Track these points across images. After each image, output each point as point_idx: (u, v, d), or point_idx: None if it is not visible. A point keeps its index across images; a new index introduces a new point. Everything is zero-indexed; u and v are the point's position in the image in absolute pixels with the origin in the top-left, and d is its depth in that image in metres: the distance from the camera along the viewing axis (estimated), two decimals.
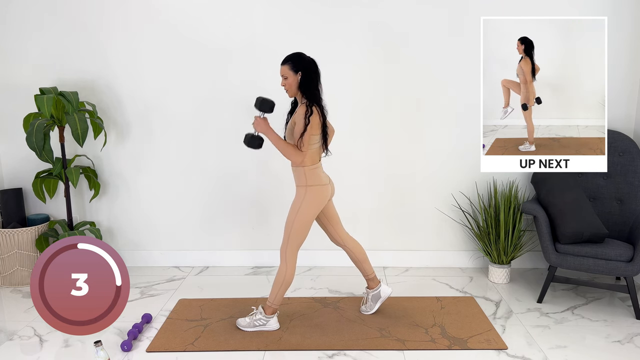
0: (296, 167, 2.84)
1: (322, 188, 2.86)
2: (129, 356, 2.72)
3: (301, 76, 2.74)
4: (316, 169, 2.85)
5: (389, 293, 3.11)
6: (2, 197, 3.65)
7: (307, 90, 2.76)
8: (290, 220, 2.84)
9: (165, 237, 3.95)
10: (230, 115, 3.74)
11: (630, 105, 3.65)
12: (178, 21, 3.63)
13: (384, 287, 3.11)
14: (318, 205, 2.86)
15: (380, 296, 3.10)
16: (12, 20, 3.64)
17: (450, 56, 3.63)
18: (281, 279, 2.86)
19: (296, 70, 2.74)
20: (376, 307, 3.11)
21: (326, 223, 3.04)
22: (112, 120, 3.78)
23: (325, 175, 2.91)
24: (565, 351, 2.74)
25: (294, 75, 2.74)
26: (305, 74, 2.74)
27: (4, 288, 3.63)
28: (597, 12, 3.53)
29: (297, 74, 2.74)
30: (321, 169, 2.90)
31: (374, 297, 3.11)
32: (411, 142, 3.76)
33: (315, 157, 2.84)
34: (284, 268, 2.86)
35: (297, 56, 2.78)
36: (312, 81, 2.76)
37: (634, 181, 3.41)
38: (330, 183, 2.93)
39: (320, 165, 2.90)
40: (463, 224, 3.85)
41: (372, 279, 3.10)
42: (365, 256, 3.08)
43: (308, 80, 2.75)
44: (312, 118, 2.70)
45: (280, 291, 2.88)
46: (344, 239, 3.06)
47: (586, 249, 3.12)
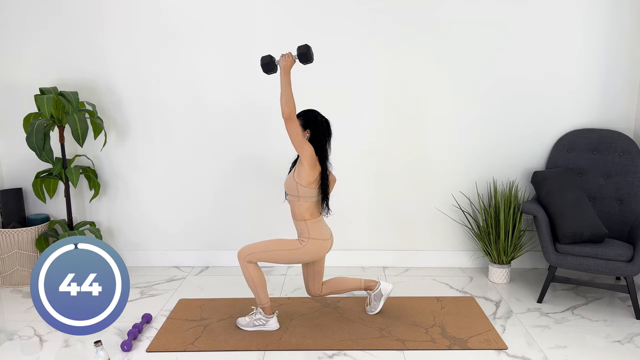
0: (298, 221, 2.84)
1: (323, 243, 2.85)
2: (129, 356, 2.72)
3: (310, 134, 2.75)
4: (318, 222, 2.84)
5: (390, 289, 3.10)
6: (2, 197, 3.65)
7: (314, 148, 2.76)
8: (274, 247, 2.82)
9: (165, 237, 3.95)
10: (230, 115, 3.74)
11: (630, 105, 3.65)
12: (178, 21, 3.63)
13: (383, 284, 3.10)
14: (312, 258, 2.87)
15: (382, 294, 3.09)
16: (12, 20, 3.64)
17: (451, 55, 3.63)
18: (251, 282, 2.85)
19: (305, 127, 2.75)
20: (380, 305, 3.10)
21: (310, 275, 3.01)
22: (112, 120, 3.78)
23: (327, 229, 2.90)
24: (565, 351, 2.74)
25: (302, 132, 2.73)
26: (313, 132, 2.75)
27: (4, 288, 3.63)
28: (597, 12, 3.53)
29: (305, 131, 2.75)
30: (323, 222, 2.89)
31: (376, 296, 3.10)
32: (411, 142, 3.76)
33: (314, 210, 2.83)
34: (247, 271, 2.82)
35: (310, 114, 2.78)
36: (319, 141, 2.76)
37: (634, 181, 3.41)
38: (331, 238, 2.91)
39: (322, 219, 2.88)
40: (463, 224, 3.85)
41: (368, 285, 3.10)
42: (344, 279, 3.08)
43: (316, 139, 2.75)
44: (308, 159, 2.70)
45: (259, 291, 2.86)
46: (319, 290, 3.05)
47: (586, 249, 3.11)
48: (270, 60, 2.75)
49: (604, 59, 3.60)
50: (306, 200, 2.79)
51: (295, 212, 2.84)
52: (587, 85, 3.63)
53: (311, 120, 2.76)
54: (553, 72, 3.62)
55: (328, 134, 2.80)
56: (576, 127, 3.68)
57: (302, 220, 2.82)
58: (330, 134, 2.82)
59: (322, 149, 2.77)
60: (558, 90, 3.65)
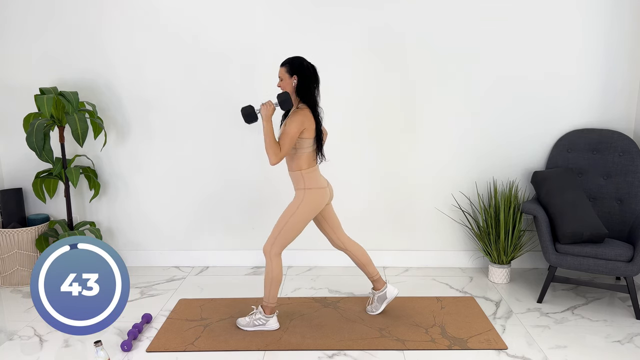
0: (293, 171, 2.85)
1: (320, 191, 2.86)
2: (129, 356, 2.72)
3: (297, 80, 2.75)
4: (314, 171, 2.85)
5: (396, 294, 3.10)
6: (2, 197, 3.65)
7: (302, 95, 2.76)
8: (283, 220, 2.83)
9: (165, 237, 3.95)
10: (230, 115, 3.73)
11: (630, 105, 3.65)
12: (178, 22, 3.62)
13: (390, 288, 3.10)
14: (315, 208, 2.86)
15: (387, 297, 3.09)
16: (13, 21, 3.64)
17: (451, 56, 3.63)
18: (269, 277, 2.87)
19: (292, 73, 2.75)
20: (382, 307, 3.10)
21: (326, 227, 3.03)
22: (112, 120, 3.78)
23: (323, 179, 2.91)
24: (565, 351, 2.74)
25: (289, 79, 2.75)
26: (301, 78, 2.75)
27: (4, 288, 3.63)
28: (597, 12, 3.53)
29: (292, 77, 2.75)
30: (319, 172, 2.90)
31: (379, 298, 3.10)
32: (411, 142, 3.76)
33: (311, 160, 2.84)
34: (270, 266, 2.86)
35: (295, 60, 2.78)
36: (307, 87, 2.76)
37: (634, 181, 3.41)
38: (328, 186, 2.93)
39: (318, 169, 2.89)
40: (463, 224, 3.85)
41: (377, 280, 3.10)
42: (368, 259, 3.08)
43: (304, 85, 2.75)
44: (295, 118, 2.70)
45: (272, 289, 2.88)
46: (345, 243, 3.05)
47: (586, 249, 3.11)
48: (252, 111, 2.76)
49: (604, 59, 3.60)
50: (302, 151, 2.79)
51: (292, 164, 2.85)
52: (587, 85, 3.63)
53: (297, 66, 2.74)
54: (553, 72, 3.62)
55: (315, 81, 2.78)
56: (576, 127, 3.68)
57: (299, 170, 2.82)
58: (318, 81, 2.79)
59: (310, 96, 2.76)
60: (558, 90, 3.65)
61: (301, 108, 2.77)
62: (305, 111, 2.75)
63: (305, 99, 2.77)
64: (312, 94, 2.78)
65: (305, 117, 2.73)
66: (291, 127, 2.70)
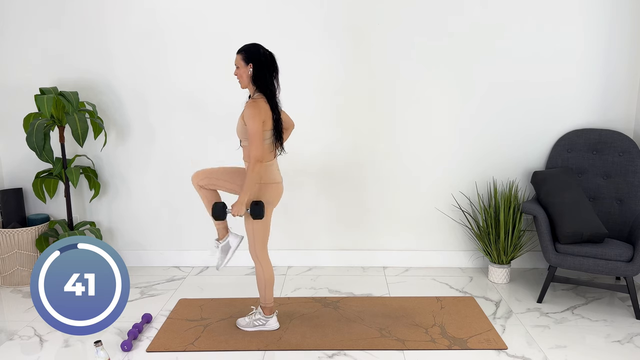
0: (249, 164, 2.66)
1: (276, 186, 2.77)
2: (129, 356, 2.72)
3: (253, 68, 2.62)
4: (271, 165, 2.73)
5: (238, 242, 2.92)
6: (2, 197, 3.65)
7: (258, 84, 2.64)
8: (249, 225, 2.76)
9: (165, 237, 3.95)
10: (229, 115, 3.73)
11: (630, 105, 3.65)
12: (178, 22, 3.62)
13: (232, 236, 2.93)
14: (272, 203, 2.79)
15: (230, 246, 2.92)
16: (13, 21, 3.64)
17: (452, 56, 3.63)
18: (262, 279, 2.85)
19: (247, 61, 2.63)
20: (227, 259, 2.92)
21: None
22: (112, 120, 3.78)
23: (278, 174, 2.81)
24: (565, 351, 2.74)
25: (245, 67, 2.63)
26: (257, 66, 2.62)
27: (4, 288, 3.63)
28: (597, 12, 3.53)
29: (247, 65, 2.63)
30: (276, 166, 2.79)
31: (223, 248, 2.93)
32: (411, 142, 3.76)
33: (267, 153, 2.70)
34: (260, 268, 2.84)
35: (251, 47, 2.65)
36: (264, 76, 2.63)
37: (634, 181, 3.41)
38: (282, 182, 2.83)
39: (275, 163, 2.78)
40: (463, 224, 3.85)
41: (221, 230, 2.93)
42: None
43: (260, 73, 2.63)
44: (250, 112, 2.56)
45: (266, 290, 2.87)
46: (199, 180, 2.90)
47: (586, 249, 3.11)
48: (222, 211, 2.73)
49: (604, 59, 3.60)
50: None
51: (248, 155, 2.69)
52: (587, 85, 3.63)
53: (253, 54, 2.62)
54: (553, 72, 3.62)
55: (273, 69, 2.65)
56: (576, 127, 3.68)
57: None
58: (276, 69, 2.67)
59: (267, 85, 2.63)
60: (558, 90, 3.65)
61: (256, 98, 2.64)
62: (259, 102, 2.61)
63: (261, 88, 2.64)
64: (269, 82, 2.64)
65: (261, 108, 2.59)
66: (252, 126, 2.56)
